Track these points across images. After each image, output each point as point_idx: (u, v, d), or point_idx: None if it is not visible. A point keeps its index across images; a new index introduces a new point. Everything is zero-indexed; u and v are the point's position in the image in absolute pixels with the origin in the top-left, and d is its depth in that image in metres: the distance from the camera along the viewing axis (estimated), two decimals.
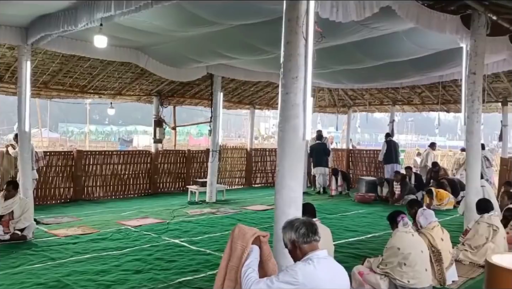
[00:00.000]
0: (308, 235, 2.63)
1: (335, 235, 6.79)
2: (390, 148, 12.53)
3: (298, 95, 4.03)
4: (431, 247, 4.91)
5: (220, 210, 9.47)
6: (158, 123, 12.04)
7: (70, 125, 47.57)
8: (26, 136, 7.70)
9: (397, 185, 10.74)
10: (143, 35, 7.22)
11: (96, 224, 7.76)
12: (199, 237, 6.99)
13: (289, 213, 3.93)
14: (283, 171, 4.07)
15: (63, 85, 10.34)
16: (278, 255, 4.03)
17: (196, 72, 10.13)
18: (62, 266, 5.34)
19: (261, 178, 14.77)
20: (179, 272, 5.19)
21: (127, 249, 6.17)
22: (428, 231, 5.02)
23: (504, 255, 3.84)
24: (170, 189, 12.44)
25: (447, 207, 10.15)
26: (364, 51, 7.94)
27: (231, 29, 6.63)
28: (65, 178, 10.59)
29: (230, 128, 55.87)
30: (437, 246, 4.94)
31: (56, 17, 6.34)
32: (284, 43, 4.07)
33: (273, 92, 13.83)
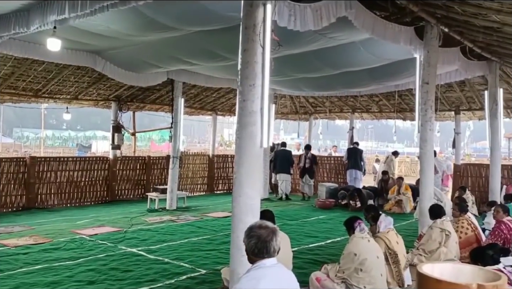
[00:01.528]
0: (254, 253, 2.58)
1: (295, 241, 6.88)
2: (351, 154, 12.85)
3: (255, 103, 4.06)
4: (388, 250, 5.03)
5: (180, 217, 9.33)
6: (117, 129, 11.76)
7: (25, 130, 45.64)
8: None
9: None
10: (100, 39, 7.03)
11: (50, 233, 7.45)
12: (157, 245, 6.86)
13: (246, 221, 3.92)
14: (240, 178, 4.07)
15: (15, 89, 9.92)
16: (235, 262, 4.03)
17: (156, 77, 9.97)
18: (11, 278, 5.09)
19: (223, 185, 14.70)
20: (135, 282, 5.06)
21: (81, 259, 5.96)
22: (384, 235, 5.16)
23: (435, 264, 3.92)
24: (129, 196, 12.15)
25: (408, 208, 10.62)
26: (322, 60, 8.11)
27: (191, 35, 6.58)
28: (17, 185, 10.12)
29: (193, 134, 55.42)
30: (393, 248, 5.08)
31: (7, 19, 6.06)
32: (241, 50, 4.09)
33: (235, 98, 13.64)
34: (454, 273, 3.59)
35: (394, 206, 10.87)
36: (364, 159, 13.33)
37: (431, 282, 3.36)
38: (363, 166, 13.06)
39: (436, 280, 3.35)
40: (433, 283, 3.34)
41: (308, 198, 12.69)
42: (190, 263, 5.87)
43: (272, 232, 2.63)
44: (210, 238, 7.46)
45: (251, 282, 2.51)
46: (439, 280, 3.34)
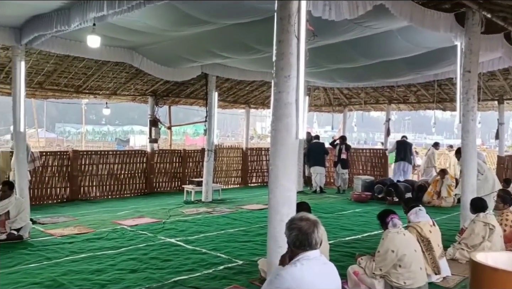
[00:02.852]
0: (296, 245, 2.57)
1: (331, 234, 6.84)
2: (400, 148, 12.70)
3: (291, 94, 4.04)
4: (420, 237, 4.94)
5: (216, 209, 9.48)
6: (154, 123, 12.04)
7: (67, 125, 47.50)
8: (21, 137, 7.68)
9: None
10: (137, 35, 7.20)
11: (92, 223, 7.76)
12: (195, 236, 7.00)
13: (283, 213, 3.95)
14: (276, 170, 4.08)
15: (58, 85, 10.33)
16: (271, 253, 4.06)
17: (191, 72, 10.12)
18: (58, 265, 5.34)
19: (257, 177, 14.78)
20: (174, 271, 5.20)
21: (123, 248, 6.17)
22: (416, 223, 5.08)
23: (489, 253, 3.80)
24: (166, 189, 12.44)
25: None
26: (358, 50, 7.95)
27: (225, 28, 6.63)
28: (61, 178, 10.58)
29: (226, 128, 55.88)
30: (425, 235, 4.98)
31: (49, 17, 6.31)
32: (276, 42, 4.07)
33: (268, 91, 13.81)
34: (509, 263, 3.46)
35: (434, 198, 10.57)
36: (413, 152, 13.13)
37: (486, 270, 3.26)
38: (413, 159, 12.86)
39: (492, 268, 3.24)
40: (489, 271, 3.24)
41: (343, 191, 12.57)
42: (227, 254, 5.96)
43: (313, 224, 2.61)
44: (245, 230, 7.54)
45: (295, 274, 2.51)
46: (495, 269, 3.23)
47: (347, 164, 12.80)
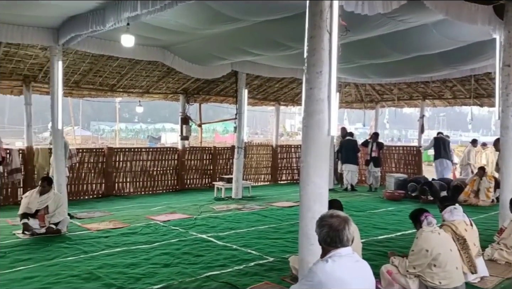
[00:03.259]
0: (327, 242, 2.57)
1: (363, 232, 6.73)
2: (439, 144, 12.36)
3: (323, 90, 4.00)
4: (455, 236, 4.80)
5: (246, 206, 9.53)
6: (185, 121, 12.22)
7: (101, 123, 48.88)
8: (59, 134, 7.96)
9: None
10: (169, 34, 7.32)
11: (127, 218, 7.96)
12: (225, 232, 7.06)
13: (314, 210, 3.92)
14: (307, 167, 4.05)
15: (93, 84, 10.64)
16: (303, 251, 4.04)
17: (221, 69, 10.21)
18: (94, 259, 5.51)
19: (286, 175, 14.75)
20: (206, 266, 5.26)
21: (156, 243, 6.30)
22: (451, 222, 4.94)
23: None
24: (197, 185, 12.61)
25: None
26: (391, 44, 7.79)
27: (255, 26, 6.64)
28: (96, 174, 10.91)
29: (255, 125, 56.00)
30: (461, 233, 4.84)
31: (85, 18, 6.51)
32: (307, 37, 4.03)
33: (298, 88, 13.74)
34: None
35: (471, 197, 10.24)
36: (451, 149, 12.76)
37: None
38: (452, 156, 12.52)
39: None
40: None
41: (374, 189, 12.36)
42: (257, 251, 5.98)
43: (344, 221, 2.60)
44: (276, 227, 7.54)
45: (325, 270, 2.50)
46: None
47: (379, 162, 12.57)
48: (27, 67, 9.23)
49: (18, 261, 5.37)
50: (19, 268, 5.09)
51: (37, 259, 5.44)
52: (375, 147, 12.43)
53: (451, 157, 12.55)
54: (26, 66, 9.19)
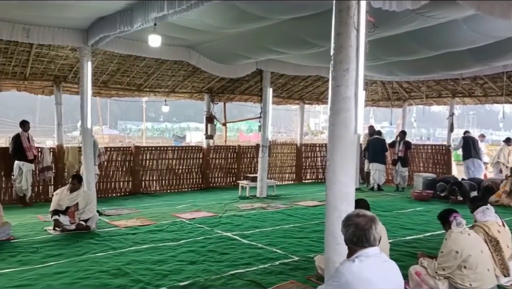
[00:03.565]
0: (353, 241, 2.53)
1: (390, 232, 6.62)
2: (468, 143, 12.07)
3: (349, 88, 3.94)
4: (488, 237, 4.66)
5: (270, 205, 9.52)
6: (209, 120, 12.31)
7: (128, 123, 49.82)
8: (88, 133, 8.16)
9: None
10: (195, 34, 7.38)
11: (153, 216, 8.08)
12: (250, 231, 7.08)
13: (341, 209, 3.87)
14: (334, 165, 4.00)
15: (121, 84, 10.86)
16: (329, 250, 4.00)
17: (246, 68, 10.23)
18: (123, 255, 5.62)
19: (311, 174, 14.66)
20: (231, 264, 5.29)
21: (182, 240, 6.38)
22: (483, 223, 4.79)
23: None
24: (221, 184, 12.69)
25: None
26: (419, 41, 7.61)
27: (280, 24, 6.61)
28: (124, 172, 11.13)
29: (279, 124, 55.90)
30: (493, 235, 4.69)
31: (113, 19, 6.64)
32: (334, 35, 3.98)
33: (323, 86, 13.64)
34: None
35: (502, 197, 9.91)
36: (481, 148, 12.43)
37: None
38: (481, 155, 12.22)
39: None
40: None
41: (402, 189, 12.14)
42: (282, 249, 5.97)
43: (370, 220, 2.55)
44: (301, 226, 7.51)
45: (352, 270, 2.46)
46: None
47: (406, 161, 12.33)
48: (57, 67, 9.50)
49: (50, 256, 5.53)
50: (50, 263, 5.25)
51: (68, 255, 5.59)
52: (402, 146, 12.19)
53: (481, 156, 12.21)
54: (57, 67, 9.46)
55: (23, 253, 5.62)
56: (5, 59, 8.76)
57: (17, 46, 8.38)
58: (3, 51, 8.46)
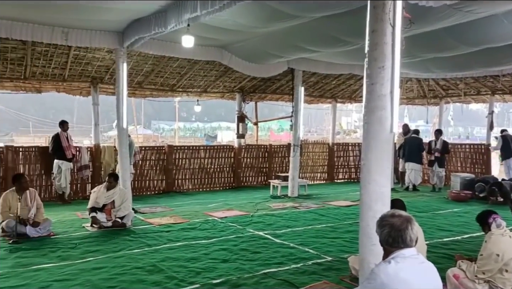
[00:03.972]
0: (389, 242, 2.47)
1: (427, 234, 6.43)
2: (507, 142, 11.63)
3: (385, 86, 3.86)
4: None
5: (302, 204, 9.46)
6: (241, 119, 12.37)
7: (161, 122, 50.74)
8: (124, 133, 8.36)
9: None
10: (227, 33, 7.44)
11: (186, 214, 8.20)
12: (282, 230, 7.06)
13: (376, 209, 3.80)
14: (369, 164, 3.93)
15: (155, 84, 11.08)
16: (364, 251, 3.94)
17: (277, 67, 10.21)
18: (157, 252, 5.74)
19: (343, 173, 14.47)
20: (264, 263, 5.29)
21: (215, 238, 6.44)
22: None
23: None
24: (252, 183, 12.73)
25: None
26: (457, 37, 7.35)
27: (312, 22, 6.56)
28: (158, 171, 11.35)
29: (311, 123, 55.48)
30: None
31: (148, 21, 6.78)
32: (369, 31, 3.91)
33: (356, 84, 13.43)
34: None
35: None
36: None
37: None
38: None
39: None
40: None
41: (438, 189, 11.80)
42: (315, 249, 5.92)
43: (406, 220, 2.49)
44: (333, 226, 7.43)
45: (388, 271, 2.41)
46: None
47: (443, 161, 11.96)
48: (94, 69, 9.79)
49: (88, 252, 5.72)
50: (89, 259, 5.42)
51: (105, 251, 5.76)
52: (440, 145, 11.83)
53: None
54: (94, 68, 9.76)
55: (62, 249, 5.83)
56: (45, 62, 9.12)
57: (56, 49, 8.70)
58: (43, 54, 8.81)
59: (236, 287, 4.52)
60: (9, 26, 7.01)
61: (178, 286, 4.54)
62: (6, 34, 7.08)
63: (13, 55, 8.67)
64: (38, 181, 9.78)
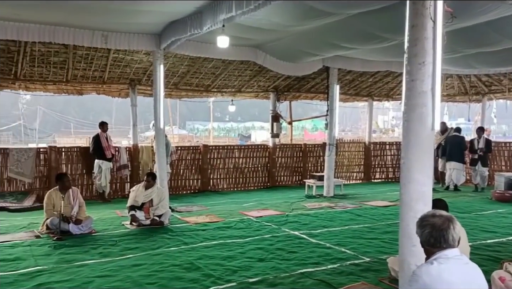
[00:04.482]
0: (430, 243, 2.40)
1: (470, 235, 6.15)
2: None
3: (426, 82, 3.75)
4: None
5: (338, 204, 9.34)
6: (275, 119, 12.35)
7: (195, 123, 51.56)
8: (161, 133, 8.54)
9: None
10: (261, 33, 7.44)
11: (221, 213, 8.28)
12: (318, 230, 6.99)
13: (416, 209, 3.69)
14: (409, 163, 3.83)
15: (190, 85, 11.25)
16: (404, 252, 3.84)
17: (312, 66, 10.12)
18: (194, 250, 5.82)
19: (380, 173, 14.18)
20: (300, 263, 5.25)
21: (250, 238, 6.46)
22: None
23: None
24: (287, 182, 12.69)
25: None
26: (501, 30, 7.03)
27: (348, 19, 6.45)
28: (193, 170, 11.52)
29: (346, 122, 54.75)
30: None
31: (184, 22, 6.89)
32: (409, 27, 3.81)
33: (394, 82, 13.12)
34: None
35: None
36: None
37: None
38: None
39: None
40: None
41: (481, 190, 11.34)
42: (352, 250, 5.83)
43: (447, 220, 2.42)
44: (371, 227, 7.28)
45: (430, 272, 2.34)
46: None
47: (486, 161, 11.48)
48: (132, 71, 10.06)
49: (127, 249, 5.87)
50: (128, 256, 5.56)
51: (144, 248, 5.90)
52: (482, 144, 11.36)
53: None
54: (132, 70, 10.02)
55: (103, 246, 6.01)
56: (86, 65, 9.45)
57: (96, 52, 9.01)
58: (84, 57, 9.14)
59: (273, 286, 4.52)
60: (52, 31, 7.31)
61: (215, 284, 4.58)
62: (49, 39, 7.39)
63: (56, 58, 9.04)
64: (80, 180, 10.15)
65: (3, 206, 8.75)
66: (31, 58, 8.83)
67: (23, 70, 9.15)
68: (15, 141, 36.78)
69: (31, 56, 8.77)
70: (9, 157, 9.53)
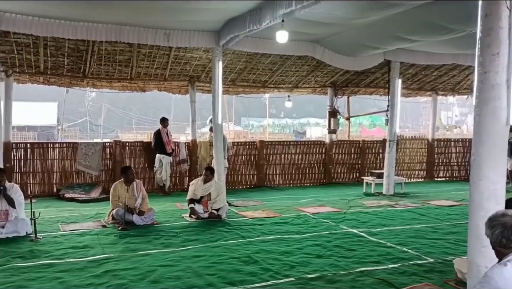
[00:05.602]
0: (502, 243, 2.28)
1: None
2: None
3: (500, 74, 3.53)
4: None
5: (399, 203, 9.02)
6: (333, 114, 12.15)
7: (250, 119, 52.05)
8: (219, 128, 8.71)
9: None
10: (321, 27, 7.34)
11: (278, 208, 8.29)
12: (377, 228, 6.79)
13: (488, 208, 3.49)
14: (479, 160, 3.63)
15: (247, 81, 11.36)
16: (473, 253, 3.65)
17: (373, 59, 9.82)
18: (251, 244, 5.88)
19: (444, 171, 13.50)
20: (359, 261, 5.13)
21: (307, 234, 6.41)
22: None
23: None
24: (344, 179, 12.46)
25: None
26: None
27: (413, 10, 6.19)
28: (249, 165, 11.64)
29: (406, 118, 52.75)
30: None
31: (242, 19, 6.96)
32: (481, 16, 3.60)
33: (460, 75, 12.42)
34: None
35: None
36: None
37: None
38: None
39: None
40: None
41: None
42: (414, 250, 5.60)
43: None
44: (434, 227, 6.96)
45: (503, 275, 2.20)
46: None
47: None
48: (192, 68, 10.34)
49: (188, 240, 6.05)
50: (189, 247, 5.72)
51: (203, 240, 6.05)
52: None
53: None
54: (192, 67, 10.30)
55: (165, 237, 6.24)
56: (149, 63, 9.85)
57: (158, 50, 9.36)
58: (147, 55, 9.53)
59: (331, 283, 4.45)
60: (118, 30, 7.69)
61: (274, 278, 4.59)
62: (116, 38, 7.78)
63: (121, 57, 9.50)
64: (142, 174, 10.60)
65: (72, 197, 9.38)
66: (98, 56, 9.35)
67: (91, 69, 9.71)
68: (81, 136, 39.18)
69: (98, 55, 9.28)
70: (77, 151, 10.17)
